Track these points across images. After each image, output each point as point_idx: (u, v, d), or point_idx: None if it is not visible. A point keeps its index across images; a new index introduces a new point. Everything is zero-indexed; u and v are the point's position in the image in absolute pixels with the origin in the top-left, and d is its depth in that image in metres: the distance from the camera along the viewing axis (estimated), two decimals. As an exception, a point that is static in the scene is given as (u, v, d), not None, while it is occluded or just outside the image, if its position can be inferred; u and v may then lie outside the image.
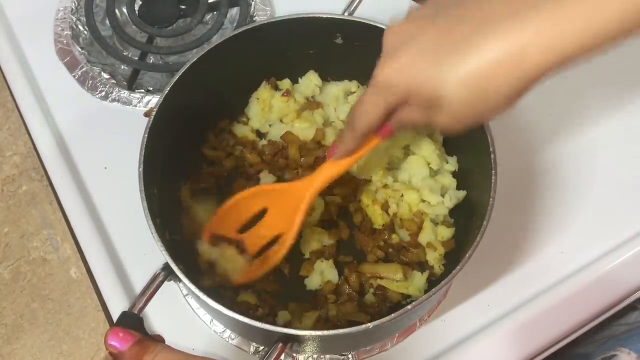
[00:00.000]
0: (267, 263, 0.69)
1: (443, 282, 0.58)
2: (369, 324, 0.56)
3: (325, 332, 0.57)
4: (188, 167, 0.78)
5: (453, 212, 0.74)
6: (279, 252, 0.68)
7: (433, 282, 0.72)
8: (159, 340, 0.52)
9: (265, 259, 0.69)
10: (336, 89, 0.81)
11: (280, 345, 0.55)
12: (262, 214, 0.71)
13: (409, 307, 0.57)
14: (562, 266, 0.78)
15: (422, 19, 0.50)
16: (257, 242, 0.71)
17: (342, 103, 0.81)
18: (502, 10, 0.45)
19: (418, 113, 0.53)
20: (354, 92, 0.81)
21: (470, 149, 0.70)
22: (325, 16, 0.72)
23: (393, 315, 0.57)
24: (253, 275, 0.69)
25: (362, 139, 0.60)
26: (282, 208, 0.69)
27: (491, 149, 0.64)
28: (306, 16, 0.72)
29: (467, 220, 0.67)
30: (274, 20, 0.73)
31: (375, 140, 0.61)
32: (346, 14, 0.74)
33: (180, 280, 0.58)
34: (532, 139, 0.86)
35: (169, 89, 0.68)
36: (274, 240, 0.70)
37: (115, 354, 0.49)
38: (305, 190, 0.67)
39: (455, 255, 0.62)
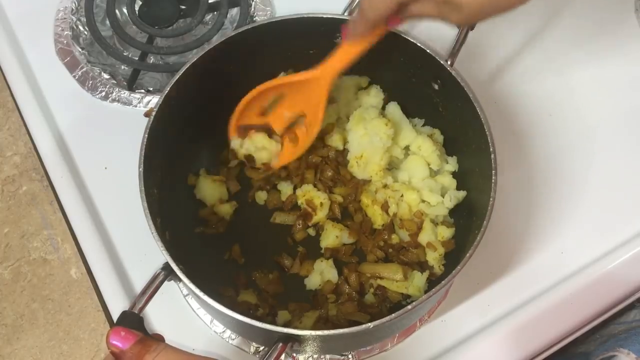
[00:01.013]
0: (300, 145, 0.75)
1: (443, 282, 0.58)
2: (369, 324, 0.56)
3: (325, 332, 0.57)
4: (188, 167, 0.78)
5: (453, 212, 0.74)
6: (310, 133, 0.73)
7: (433, 282, 0.72)
8: (159, 339, 0.52)
9: (296, 141, 0.75)
10: (349, 82, 0.81)
11: (280, 344, 0.55)
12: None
13: (409, 307, 0.57)
14: (562, 266, 0.78)
15: None
16: (281, 121, 0.76)
17: (352, 99, 0.82)
18: None
19: (432, 8, 0.55)
20: (365, 88, 0.82)
21: (470, 149, 0.70)
22: (325, 16, 0.72)
23: (393, 315, 0.57)
24: (289, 157, 0.75)
25: (373, 26, 0.62)
26: (301, 94, 0.73)
27: (491, 149, 0.64)
28: (306, 16, 0.72)
29: (467, 220, 0.67)
30: (273, 20, 0.73)
31: (385, 27, 0.64)
32: (346, 13, 0.74)
33: (180, 280, 0.58)
34: (532, 139, 0.86)
35: (168, 88, 0.68)
36: (297, 120, 0.75)
37: (116, 352, 0.49)
38: (323, 78, 0.70)
39: (455, 255, 0.62)
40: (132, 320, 0.53)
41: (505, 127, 0.86)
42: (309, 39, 0.74)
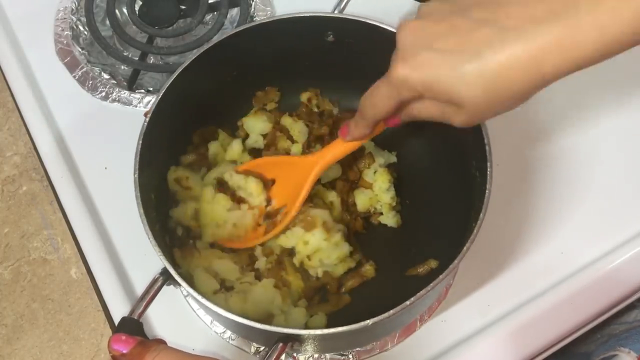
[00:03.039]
0: (268, 231, 0.71)
1: (441, 276, 0.58)
2: (368, 321, 0.56)
3: (325, 331, 0.57)
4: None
5: (452, 206, 0.73)
6: (282, 222, 0.71)
7: (434, 277, 0.71)
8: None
9: (268, 227, 0.72)
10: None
11: (280, 344, 0.55)
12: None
13: (407, 302, 0.57)
14: (562, 266, 0.78)
15: (437, 15, 0.51)
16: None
17: None
18: (521, 16, 0.47)
19: (433, 109, 0.54)
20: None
21: (466, 141, 0.69)
22: (314, 14, 0.71)
23: (392, 311, 0.57)
24: (252, 240, 0.72)
25: (372, 126, 0.62)
26: (290, 180, 0.71)
27: (485, 140, 0.64)
28: (306, 15, 0.72)
29: (466, 214, 0.67)
30: (273, 19, 0.72)
31: (381, 128, 0.64)
32: (336, 11, 0.74)
33: (179, 284, 0.58)
34: (531, 139, 0.86)
35: (164, 90, 0.67)
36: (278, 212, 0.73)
37: (117, 355, 0.49)
38: (314, 164, 0.69)
39: (454, 249, 0.62)
40: (132, 326, 0.53)
41: (505, 127, 0.85)
42: (309, 39, 0.74)
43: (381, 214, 0.78)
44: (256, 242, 0.72)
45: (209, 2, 0.94)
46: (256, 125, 0.80)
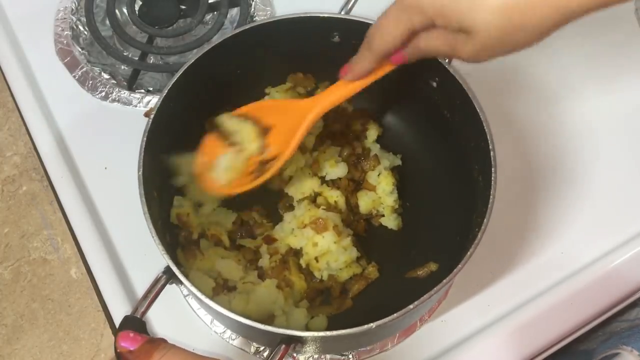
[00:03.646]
0: (260, 176, 0.68)
1: (445, 280, 0.58)
2: (372, 324, 0.56)
3: (328, 333, 0.57)
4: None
5: (453, 210, 0.74)
6: (273, 166, 0.67)
7: (434, 279, 0.71)
8: None
9: (259, 173, 0.68)
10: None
11: (284, 346, 0.55)
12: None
13: (411, 306, 0.57)
14: (562, 266, 0.78)
15: None
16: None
17: None
18: None
19: (441, 39, 0.51)
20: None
21: (468, 145, 0.70)
22: (322, 15, 0.72)
23: (395, 314, 0.57)
24: (244, 185, 0.68)
25: (378, 60, 0.58)
26: (285, 125, 0.68)
27: (490, 147, 0.64)
28: (303, 16, 0.72)
29: (468, 218, 0.67)
30: (273, 20, 0.73)
31: (388, 67, 0.60)
32: (343, 12, 0.74)
33: (181, 283, 0.58)
34: (532, 139, 0.86)
35: (167, 90, 0.67)
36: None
37: (125, 353, 0.49)
38: (310, 108, 0.66)
39: (456, 253, 0.62)
40: (135, 325, 0.53)
41: (505, 126, 0.86)
42: (309, 39, 0.74)
43: (382, 215, 0.78)
44: (246, 187, 0.68)
45: (209, 2, 0.94)
46: None
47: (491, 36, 0.47)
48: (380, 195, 0.78)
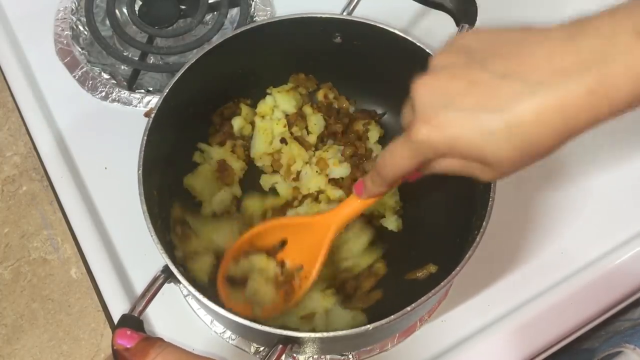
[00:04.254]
0: (291, 296, 0.67)
1: (443, 283, 0.58)
2: (369, 326, 0.56)
3: (325, 334, 0.57)
4: (188, 167, 0.78)
5: (452, 212, 0.74)
6: (303, 286, 0.67)
7: (433, 281, 0.72)
8: None
9: (288, 292, 0.68)
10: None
11: (280, 346, 0.55)
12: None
13: (409, 308, 0.57)
14: (562, 266, 0.78)
15: (453, 69, 0.48)
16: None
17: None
18: (548, 67, 0.44)
19: (457, 165, 0.51)
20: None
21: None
22: (324, 16, 0.72)
23: (392, 316, 0.57)
24: (277, 310, 0.67)
25: (390, 185, 0.58)
26: (303, 240, 0.68)
27: None
28: (305, 16, 0.72)
29: (467, 220, 0.67)
30: (273, 20, 0.73)
31: (400, 181, 0.59)
32: (345, 13, 0.74)
33: (180, 282, 0.58)
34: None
35: (168, 89, 0.67)
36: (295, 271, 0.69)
37: (121, 350, 0.49)
38: (328, 226, 0.65)
39: (455, 255, 0.62)
40: (132, 323, 0.53)
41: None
42: (306, 39, 0.75)
43: (383, 216, 0.78)
44: (279, 312, 0.68)
45: (209, 2, 0.94)
46: (285, 102, 0.80)
47: (506, 164, 0.48)
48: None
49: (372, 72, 0.78)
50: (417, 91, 0.49)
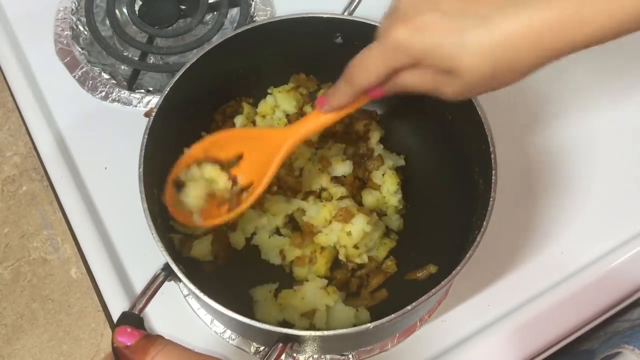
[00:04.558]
0: (234, 209, 0.65)
1: (442, 282, 0.58)
2: (369, 324, 0.56)
3: (325, 332, 0.57)
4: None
5: (453, 212, 0.74)
6: (247, 200, 0.65)
7: (433, 281, 0.72)
8: None
9: (231, 205, 0.66)
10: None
11: (280, 345, 0.55)
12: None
13: (409, 307, 0.57)
14: (562, 266, 0.78)
15: None
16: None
17: None
18: None
19: (425, 79, 0.50)
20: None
21: (469, 147, 0.70)
22: (324, 16, 0.72)
23: (392, 315, 0.57)
24: (217, 219, 0.65)
25: (357, 95, 0.56)
26: (258, 155, 0.66)
27: (491, 149, 0.64)
28: (306, 16, 0.72)
29: (467, 220, 0.67)
30: (274, 20, 0.73)
31: (364, 100, 0.58)
32: (346, 13, 0.74)
33: (180, 280, 0.58)
34: (532, 139, 0.86)
35: (168, 89, 0.68)
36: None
37: (121, 347, 0.49)
38: (285, 139, 0.64)
39: (455, 255, 0.62)
40: (132, 321, 0.53)
41: (505, 127, 0.85)
42: (309, 39, 0.75)
43: (385, 215, 0.78)
44: (219, 222, 0.66)
45: (209, 2, 0.94)
46: (285, 102, 0.80)
47: (477, 78, 0.47)
48: (385, 195, 0.78)
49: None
50: None
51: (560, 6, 0.43)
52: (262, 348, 0.72)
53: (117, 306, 0.73)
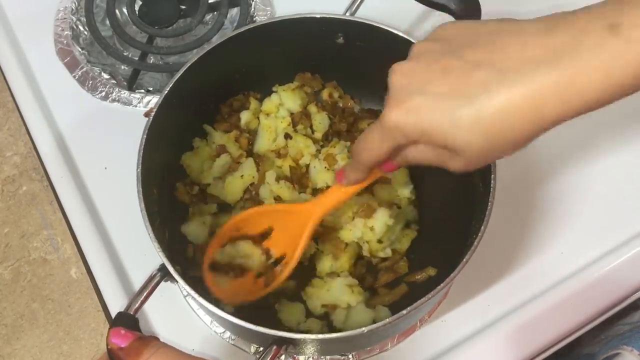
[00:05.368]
0: (270, 284, 0.68)
1: (440, 285, 0.58)
2: (364, 328, 0.56)
3: (320, 336, 0.57)
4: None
5: (452, 215, 0.74)
6: (282, 273, 0.67)
7: (432, 284, 0.72)
8: None
9: (268, 279, 0.68)
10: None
11: (275, 347, 0.55)
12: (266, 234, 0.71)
13: (404, 311, 0.57)
14: (562, 266, 0.78)
15: (429, 56, 0.48)
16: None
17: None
18: (519, 57, 0.44)
19: (428, 154, 0.51)
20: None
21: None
22: (326, 16, 0.72)
23: (388, 320, 0.57)
24: (254, 294, 0.68)
25: (367, 171, 0.59)
26: (287, 229, 0.68)
27: None
28: (307, 16, 0.72)
29: (466, 223, 0.67)
30: (274, 20, 0.73)
31: (379, 172, 0.60)
32: (347, 13, 0.74)
33: (176, 281, 0.58)
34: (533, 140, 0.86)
35: (168, 89, 0.68)
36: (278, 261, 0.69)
37: (115, 349, 0.49)
38: (312, 213, 0.66)
39: (454, 257, 0.62)
40: (127, 321, 0.53)
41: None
42: (310, 39, 0.75)
43: (399, 207, 0.78)
44: (257, 296, 0.68)
45: (209, 2, 0.94)
46: (290, 100, 0.80)
47: (475, 154, 0.47)
48: (397, 188, 0.78)
49: (376, 72, 0.78)
50: (393, 75, 0.50)
51: (548, 75, 0.43)
52: (261, 348, 0.72)
53: (117, 306, 0.73)
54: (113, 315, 0.74)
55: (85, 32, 0.93)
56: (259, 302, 0.69)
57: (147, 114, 0.80)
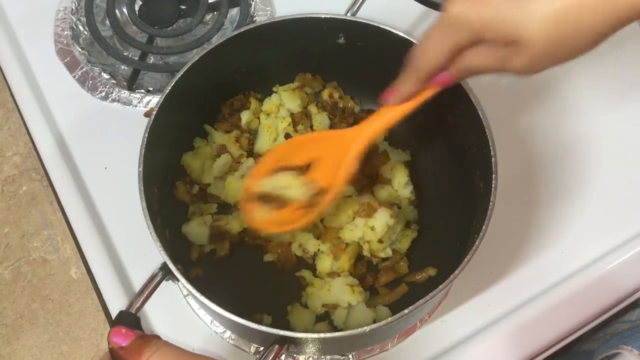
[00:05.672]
0: (312, 212, 0.66)
1: (441, 286, 0.58)
2: (365, 327, 0.56)
3: (322, 335, 0.57)
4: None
5: (453, 215, 0.74)
6: (323, 202, 0.65)
7: (432, 284, 0.72)
8: None
9: (309, 208, 0.66)
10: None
11: (277, 346, 0.55)
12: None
13: (406, 310, 0.57)
14: (562, 266, 0.78)
15: None
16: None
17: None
18: None
19: (490, 55, 0.48)
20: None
21: (470, 150, 0.70)
22: (327, 16, 0.72)
23: (389, 319, 0.57)
24: (296, 222, 0.66)
25: (424, 81, 0.55)
26: (334, 156, 0.66)
27: (492, 153, 0.64)
28: (308, 16, 0.72)
29: (467, 223, 0.67)
30: (274, 20, 0.73)
31: (432, 89, 0.56)
32: (349, 14, 0.74)
33: (177, 280, 0.58)
34: (532, 139, 0.86)
35: (169, 88, 0.68)
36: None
37: (116, 348, 0.49)
38: (355, 137, 0.64)
39: (454, 257, 0.62)
40: (129, 320, 0.53)
41: (505, 127, 0.86)
42: (310, 39, 0.75)
43: (399, 207, 0.78)
44: (296, 226, 0.67)
45: (209, 2, 0.94)
46: (290, 101, 0.80)
47: (543, 47, 0.45)
48: (397, 188, 0.78)
49: (376, 72, 0.78)
50: None
51: None
52: (262, 348, 0.72)
53: (117, 306, 0.73)
54: (113, 315, 0.74)
55: (85, 32, 0.93)
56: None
57: (147, 114, 0.80)
